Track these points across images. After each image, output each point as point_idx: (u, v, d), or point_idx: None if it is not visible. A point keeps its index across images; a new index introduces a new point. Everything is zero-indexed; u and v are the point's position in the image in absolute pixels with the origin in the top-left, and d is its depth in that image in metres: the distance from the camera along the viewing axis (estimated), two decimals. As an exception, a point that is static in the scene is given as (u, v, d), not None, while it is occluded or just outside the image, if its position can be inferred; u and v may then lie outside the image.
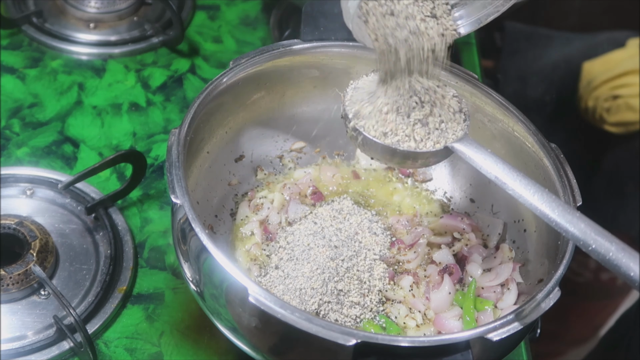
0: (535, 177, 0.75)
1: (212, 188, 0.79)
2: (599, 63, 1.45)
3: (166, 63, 1.11)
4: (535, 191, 0.58)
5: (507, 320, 0.58)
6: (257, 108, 0.81)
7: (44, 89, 1.04)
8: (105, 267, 0.82)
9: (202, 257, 0.61)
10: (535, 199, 0.58)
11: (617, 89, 1.40)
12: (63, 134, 0.99)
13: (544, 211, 0.57)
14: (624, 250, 0.53)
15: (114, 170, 0.95)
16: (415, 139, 0.63)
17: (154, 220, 0.90)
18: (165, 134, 1.01)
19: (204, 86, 0.72)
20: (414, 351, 0.55)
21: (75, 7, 1.14)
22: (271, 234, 0.77)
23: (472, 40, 1.26)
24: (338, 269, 0.71)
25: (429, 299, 0.73)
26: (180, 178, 0.63)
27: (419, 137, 0.63)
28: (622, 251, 0.53)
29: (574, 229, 0.56)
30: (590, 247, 0.54)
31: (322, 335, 0.54)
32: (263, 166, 0.84)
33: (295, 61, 0.79)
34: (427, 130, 0.64)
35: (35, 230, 0.80)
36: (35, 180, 0.90)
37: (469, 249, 0.77)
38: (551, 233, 0.71)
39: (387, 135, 0.63)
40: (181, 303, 0.83)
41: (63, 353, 0.76)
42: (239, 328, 0.63)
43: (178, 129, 0.67)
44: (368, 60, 0.80)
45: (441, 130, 0.64)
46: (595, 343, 1.67)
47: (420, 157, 0.64)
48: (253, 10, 1.23)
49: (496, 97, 0.77)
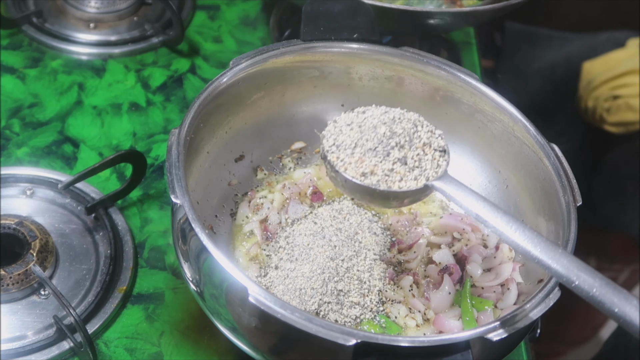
0: (535, 177, 0.75)
1: (212, 188, 0.79)
2: (599, 63, 1.45)
3: (166, 63, 1.11)
4: (517, 228, 0.58)
5: (507, 320, 0.58)
6: (257, 108, 0.81)
7: (44, 89, 1.04)
8: (105, 267, 0.82)
9: (202, 257, 0.61)
10: (517, 236, 0.57)
11: (617, 89, 1.40)
12: (63, 134, 0.99)
13: (525, 248, 0.56)
14: (608, 286, 0.52)
15: (114, 170, 0.95)
16: (394, 179, 0.63)
17: (154, 220, 0.90)
18: (165, 134, 1.01)
19: (204, 86, 0.72)
20: (414, 351, 0.55)
21: (75, 7, 1.14)
22: (271, 234, 0.77)
23: (472, 40, 1.26)
24: (338, 269, 0.71)
25: (429, 299, 0.73)
26: (180, 178, 0.63)
27: (398, 177, 0.63)
28: (605, 287, 0.52)
29: (556, 265, 0.54)
30: (574, 283, 0.53)
31: (322, 335, 0.54)
32: (263, 166, 0.84)
33: (295, 61, 0.79)
34: (406, 168, 0.63)
35: (35, 230, 0.80)
36: (35, 180, 0.90)
37: (468, 249, 0.77)
38: (551, 233, 0.71)
39: (367, 176, 0.63)
40: (181, 303, 0.83)
41: (63, 353, 0.76)
42: (239, 328, 0.63)
43: (178, 129, 0.67)
44: (368, 60, 0.81)
45: (421, 169, 0.64)
46: (595, 343, 1.67)
47: (400, 196, 0.64)
48: (253, 10, 1.23)
49: (496, 97, 0.77)
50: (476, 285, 0.74)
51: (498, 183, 0.81)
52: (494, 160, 0.81)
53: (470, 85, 0.78)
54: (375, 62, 0.81)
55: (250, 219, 0.79)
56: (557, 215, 0.70)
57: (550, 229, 0.72)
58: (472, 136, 0.82)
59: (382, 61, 0.80)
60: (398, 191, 0.63)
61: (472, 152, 0.83)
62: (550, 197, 0.72)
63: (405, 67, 0.80)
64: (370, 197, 0.64)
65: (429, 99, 0.82)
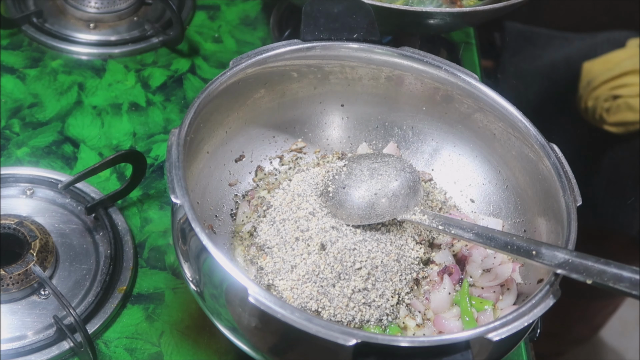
0: (535, 177, 0.75)
1: (212, 188, 0.79)
2: (599, 63, 1.45)
3: (166, 63, 1.11)
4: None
5: (507, 320, 0.58)
6: (257, 108, 0.81)
7: (44, 89, 1.04)
8: (105, 267, 0.82)
9: (202, 257, 0.61)
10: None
11: (617, 89, 1.40)
12: (63, 134, 0.99)
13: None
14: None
15: (114, 170, 0.95)
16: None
17: (154, 220, 0.90)
18: (165, 134, 1.01)
19: (204, 86, 0.72)
20: (414, 351, 0.55)
21: (75, 7, 1.14)
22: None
23: (472, 40, 1.26)
24: (340, 269, 0.70)
25: (429, 299, 0.73)
26: (180, 178, 0.63)
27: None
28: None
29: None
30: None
31: (322, 335, 0.54)
32: (263, 166, 0.84)
33: (295, 61, 0.79)
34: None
35: (35, 230, 0.80)
36: (35, 180, 0.90)
37: (469, 249, 0.77)
38: (551, 233, 0.71)
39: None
40: (181, 303, 0.83)
41: (63, 353, 0.76)
42: (239, 328, 0.63)
43: (178, 129, 0.67)
44: (368, 60, 0.81)
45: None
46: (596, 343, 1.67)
47: None
48: (253, 10, 1.23)
49: (496, 97, 0.77)
50: (476, 285, 0.74)
51: (498, 183, 0.81)
52: (494, 160, 0.81)
53: (470, 85, 0.78)
54: (376, 62, 0.81)
55: (250, 219, 0.79)
56: (557, 215, 0.70)
57: (550, 229, 0.72)
58: (472, 136, 0.82)
59: (382, 61, 0.80)
60: None
61: (472, 152, 0.83)
62: (550, 197, 0.72)
63: (405, 67, 0.80)
64: None
65: (429, 99, 0.82)
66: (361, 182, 0.72)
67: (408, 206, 0.72)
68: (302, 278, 0.69)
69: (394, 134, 0.86)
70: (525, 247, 0.64)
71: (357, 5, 0.82)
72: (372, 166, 0.73)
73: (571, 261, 0.61)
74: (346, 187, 0.72)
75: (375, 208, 0.71)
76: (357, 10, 0.81)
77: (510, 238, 0.66)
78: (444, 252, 0.76)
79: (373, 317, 0.70)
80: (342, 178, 0.73)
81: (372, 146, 0.87)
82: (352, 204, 0.72)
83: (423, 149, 0.86)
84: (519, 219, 0.78)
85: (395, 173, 0.72)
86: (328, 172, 0.76)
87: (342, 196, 0.72)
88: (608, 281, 0.57)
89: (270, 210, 0.76)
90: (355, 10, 0.81)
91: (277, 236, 0.73)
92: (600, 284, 0.58)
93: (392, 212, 0.72)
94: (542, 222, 0.74)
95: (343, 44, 0.79)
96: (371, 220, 0.72)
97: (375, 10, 0.82)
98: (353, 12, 0.81)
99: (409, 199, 0.72)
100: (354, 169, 0.74)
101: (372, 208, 0.71)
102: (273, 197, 0.78)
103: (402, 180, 0.72)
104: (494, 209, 0.81)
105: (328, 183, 0.74)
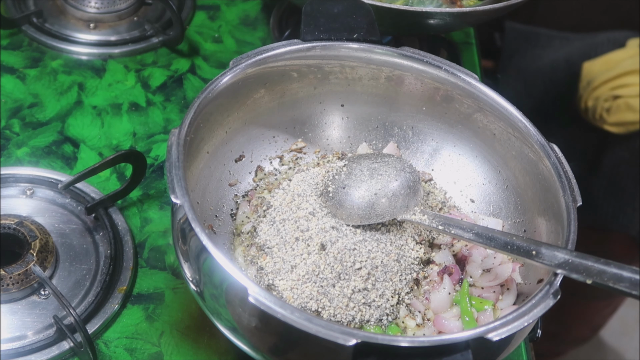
0: (535, 177, 0.75)
1: (212, 188, 0.79)
2: (599, 63, 1.45)
3: (166, 63, 1.11)
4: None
5: (507, 320, 0.58)
6: (257, 108, 0.81)
7: (44, 89, 1.04)
8: (105, 267, 0.82)
9: (202, 257, 0.61)
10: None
11: (617, 89, 1.40)
12: (63, 134, 0.99)
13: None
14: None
15: (114, 170, 0.95)
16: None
17: (154, 220, 0.90)
18: (165, 134, 1.01)
19: (204, 86, 0.72)
20: (414, 351, 0.55)
21: (75, 7, 1.14)
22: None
23: (472, 40, 1.26)
24: (340, 269, 0.71)
25: (429, 299, 0.73)
26: (180, 178, 0.63)
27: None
28: None
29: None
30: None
31: (322, 335, 0.54)
32: (263, 166, 0.84)
33: (295, 61, 0.79)
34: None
35: (35, 230, 0.80)
36: (35, 180, 0.90)
37: (469, 249, 0.77)
38: (551, 233, 0.71)
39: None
40: (181, 303, 0.83)
41: (63, 353, 0.76)
42: (239, 328, 0.63)
43: (178, 129, 0.67)
44: (368, 60, 0.81)
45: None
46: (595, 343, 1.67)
47: None
48: (253, 10, 1.23)
49: (496, 97, 0.77)
50: (476, 285, 0.74)
51: (498, 183, 0.81)
52: (494, 160, 0.81)
53: (470, 85, 0.78)
54: (376, 62, 0.81)
55: (250, 219, 0.79)
56: (557, 215, 0.70)
57: (550, 229, 0.72)
58: (472, 136, 0.82)
59: (382, 61, 0.80)
60: None
61: (472, 152, 0.83)
62: (550, 197, 0.72)
63: (405, 67, 0.80)
64: None
65: (429, 99, 0.82)
66: (361, 182, 0.72)
67: (408, 206, 0.72)
68: (302, 278, 0.69)
69: (394, 134, 0.86)
70: (525, 247, 0.64)
71: (357, 5, 0.82)
72: (372, 166, 0.73)
73: (571, 261, 0.61)
74: (346, 187, 0.72)
75: (375, 208, 0.71)
76: (357, 10, 0.81)
77: (510, 238, 0.65)
78: (444, 252, 0.76)
79: (373, 317, 0.70)
80: (342, 178, 0.73)
81: (372, 146, 0.87)
82: (352, 204, 0.72)
83: (423, 149, 0.86)
84: (519, 219, 0.78)
85: (395, 173, 0.72)
86: (328, 172, 0.76)
87: (342, 196, 0.72)
88: (608, 281, 0.57)
89: (270, 210, 0.76)
90: (355, 10, 0.81)
91: (277, 236, 0.73)
92: (600, 284, 0.58)
93: (392, 212, 0.72)
94: (542, 222, 0.74)
95: (343, 44, 0.79)
96: (371, 220, 0.72)
97: (375, 10, 0.82)
98: (353, 12, 0.81)
99: (409, 199, 0.72)
100: (354, 169, 0.74)
101: (372, 208, 0.71)
102: (273, 197, 0.78)
103: (402, 180, 0.72)
104: (494, 209, 0.81)
105: (328, 183, 0.74)
